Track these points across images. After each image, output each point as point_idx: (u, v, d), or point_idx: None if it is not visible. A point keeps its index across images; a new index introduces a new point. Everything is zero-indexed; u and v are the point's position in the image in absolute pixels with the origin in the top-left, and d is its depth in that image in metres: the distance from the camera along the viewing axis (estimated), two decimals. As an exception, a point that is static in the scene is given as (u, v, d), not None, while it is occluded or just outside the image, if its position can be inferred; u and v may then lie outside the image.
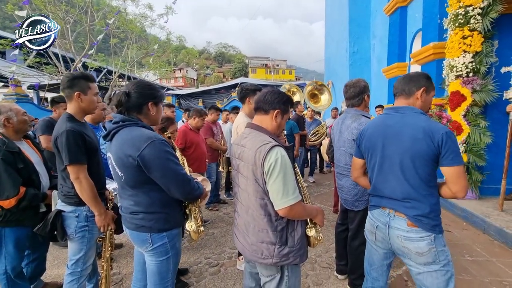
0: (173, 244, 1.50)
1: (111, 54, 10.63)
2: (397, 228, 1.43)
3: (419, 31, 6.14)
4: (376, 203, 1.56)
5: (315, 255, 2.87)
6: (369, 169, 1.61)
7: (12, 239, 2.00)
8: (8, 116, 1.98)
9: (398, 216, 1.43)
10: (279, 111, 1.42)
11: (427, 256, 1.36)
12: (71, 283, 1.81)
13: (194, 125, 3.68)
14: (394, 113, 1.49)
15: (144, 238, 1.44)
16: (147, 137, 1.33)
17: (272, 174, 1.24)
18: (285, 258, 1.35)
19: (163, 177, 1.36)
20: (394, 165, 1.42)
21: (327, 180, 6.14)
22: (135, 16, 10.38)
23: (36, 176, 2.04)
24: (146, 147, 1.30)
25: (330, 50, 13.24)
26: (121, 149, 1.34)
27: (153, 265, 1.48)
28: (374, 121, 1.61)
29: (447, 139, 1.29)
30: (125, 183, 1.40)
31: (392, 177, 1.44)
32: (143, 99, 1.44)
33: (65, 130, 1.67)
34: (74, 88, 1.76)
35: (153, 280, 1.50)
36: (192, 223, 1.55)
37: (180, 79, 46.20)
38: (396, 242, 1.45)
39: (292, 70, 61.32)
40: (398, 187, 1.41)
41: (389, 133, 1.45)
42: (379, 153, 1.49)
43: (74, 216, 1.77)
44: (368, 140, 1.56)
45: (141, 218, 1.42)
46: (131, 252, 3.05)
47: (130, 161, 1.32)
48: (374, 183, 1.54)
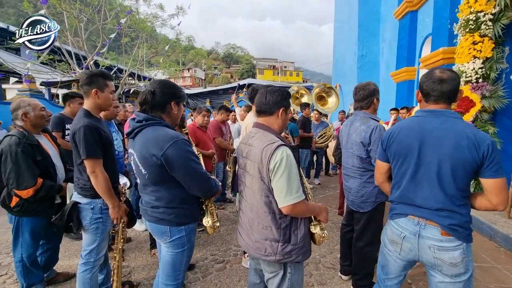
0: (189, 238, 1.56)
1: (121, 52, 10.83)
2: (428, 237, 1.33)
3: (429, 36, 6.13)
4: (402, 211, 1.45)
5: (319, 255, 2.90)
6: (396, 174, 1.49)
7: (29, 229, 2.09)
8: (26, 110, 2.06)
9: (430, 225, 1.34)
10: (283, 109, 1.46)
11: (460, 267, 1.29)
12: (85, 273, 1.88)
13: (201, 123, 3.75)
14: (433, 116, 1.36)
15: (163, 230, 1.51)
16: (170, 137, 1.39)
17: (277, 172, 1.28)
18: (288, 256, 1.38)
19: (185, 175, 1.42)
20: (431, 173, 1.32)
21: (333, 183, 6.15)
22: (146, 16, 10.57)
23: (53, 168, 2.12)
24: (169, 147, 1.36)
25: (339, 52, 13.22)
26: (145, 148, 1.40)
27: (168, 256, 1.54)
28: (405, 124, 1.47)
29: (492, 150, 1.21)
30: (148, 180, 1.46)
31: (427, 185, 1.34)
32: (166, 98, 1.49)
33: (83, 125, 1.73)
34: (92, 85, 1.82)
35: (166, 271, 1.56)
36: (209, 219, 1.61)
37: (188, 78, 46.60)
38: (427, 253, 1.35)
39: (300, 72, 61.24)
40: (433, 196, 1.33)
41: (427, 138, 1.33)
42: (414, 159, 1.37)
43: (90, 208, 1.84)
44: (400, 144, 1.44)
45: (162, 212, 1.49)
46: (139, 246, 3.12)
47: (153, 160, 1.38)
48: (403, 190, 1.43)
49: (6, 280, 2.52)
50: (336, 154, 3.30)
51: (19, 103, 2.05)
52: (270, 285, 1.49)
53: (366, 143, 2.07)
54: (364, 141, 2.08)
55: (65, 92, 3.89)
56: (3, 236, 3.50)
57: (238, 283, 2.45)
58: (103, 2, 8.61)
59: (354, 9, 10.61)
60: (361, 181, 2.16)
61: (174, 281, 1.57)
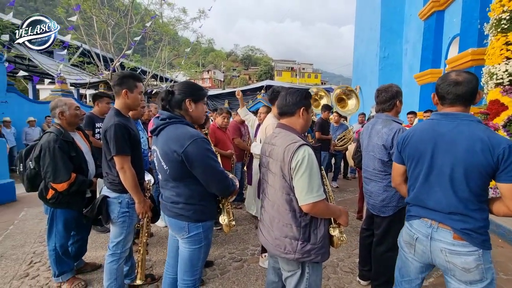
0: (206, 235, 1.61)
1: (145, 55, 11.24)
2: (440, 240, 1.33)
3: (456, 37, 5.88)
4: (416, 213, 1.46)
5: (337, 259, 2.87)
6: (411, 177, 1.50)
7: (62, 220, 2.24)
8: (63, 109, 2.22)
9: (442, 228, 1.33)
10: (304, 108, 1.49)
11: (474, 273, 1.26)
12: (112, 263, 1.98)
13: (220, 124, 3.83)
14: (447, 119, 1.35)
15: (182, 226, 1.56)
16: (190, 135, 1.46)
17: (298, 170, 1.31)
18: (306, 255, 1.39)
19: (203, 172, 1.47)
20: (443, 176, 1.32)
21: (351, 186, 6.03)
22: (170, 19, 10.93)
23: (85, 164, 2.27)
24: (189, 145, 1.42)
25: (359, 54, 12.95)
26: (167, 144, 1.47)
27: (186, 252, 1.59)
28: (419, 127, 1.48)
29: (509, 154, 1.17)
30: (169, 175, 1.53)
31: (439, 188, 1.34)
32: (181, 96, 1.56)
33: (113, 123, 1.83)
34: (123, 86, 1.93)
35: (184, 267, 1.61)
36: (225, 217, 1.66)
37: (207, 80, 47.50)
38: (439, 256, 1.34)
39: (318, 74, 60.52)
40: (445, 199, 1.32)
41: (440, 141, 1.33)
42: (426, 162, 1.38)
43: (117, 202, 1.95)
44: (413, 147, 1.45)
45: (181, 207, 1.54)
46: (160, 242, 3.24)
47: (175, 156, 1.44)
48: (416, 192, 1.44)
49: (40, 267, 2.71)
50: (356, 157, 3.26)
51: (57, 102, 2.21)
52: (288, 284, 1.50)
53: (388, 146, 2.04)
54: (386, 144, 2.04)
55: (94, 92, 4.09)
56: (37, 226, 3.76)
57: (256, 282, 2.48)
58: (130, 7, 9.01)
59: (377, 10, 10.37)
60: (382, 184, 2.12)
61: (192, 276, 1.62)
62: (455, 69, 1.46)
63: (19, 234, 3.49)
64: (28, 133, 8.43)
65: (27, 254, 2.98)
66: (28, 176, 2.20)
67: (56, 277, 2.30)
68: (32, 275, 2.58)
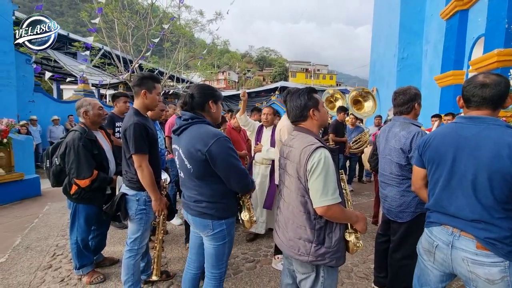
0: (229, 231, 1.65)
1: (163, 56, 11.53)
2: (462, 249, 1.26)
3: (481, 37, 5.63)
4: (436, 219, 1.41)
5: (351, 264, 2.82)
6: (430, 181, 1.46)
7: (84, 215, 2.34)
8: (87, 109, 2.32)
9: (465, 236, 1.27)
10: (313, 109, 1.47)
11: (499, 286, 1.19)
12: (129, 259, 2.05)
13: (235, 125, 3.86)
14: (472, 123, 1.30)
15: (206, 224, 1.61)
16: (213, 134, 1.51)
17: (314, 172, 1.31)
18: (321, 258, 1.38)
19: (226, 170, 1.52)
20: (465, 182, 1.26)
21: (366, 190, 5.91)
22: (187, 21, 11.16)
23: (106, 162, 2.36)
24: (213, 143, 1.47)
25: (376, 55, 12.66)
26: (191, 143, 1.52)
27: (211, 248, 1.65)
28: (442, 130, 1.44)
29: None
30: (192, 174, 1.57)
31: (461, 194, 1.28)
32: (204, 98, 1.62)
33: (133, 123, 1.90)
34: (142, 87, 1.99)
35: (210, 261, 1.67)
36: (246, 213, 1.70)
37: (222, 81, 48.02)
38: (460, 266, 1.28)
39: (333, 75, 59.71)
40: (467, 206, 1.26)
41: (463, 145, 1.28)
42: (447, 167, 1.33)
43: (135, 200, 2.01)
44: (434, 151, 1.41)
45: (204, 206, 1.59)
46: (175, 240, 3.31)
47: (199, 155, 1.49)
48: (436, 198, 1.39)
49: (62, 260, 2.84)
50: (372, 160, 3.19)
51: (82, 102, 2.32)
52: (303, 287, 1.50)
53: (406, 149, 1.99)
54: (404, 148, 1.99)
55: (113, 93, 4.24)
56: (59, 220, 3.94)
57: (268, 284, 2.48)
58: (149, 10, 9.27)
59: (395, 9, 10.09)
60: (400, 189, 2.07)
61: (218, 269, 1.68)
62: (483, 71, 1.40)
63: (43, 227, 3.67)
64: (53, 131, 8.86)
65: (50, 246, 3.13)
66: (54, 172, 2.32)
67: (77, 270, 2.41)
68: (54, 266, 2.70)
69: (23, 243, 3.19)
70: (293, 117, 1.53)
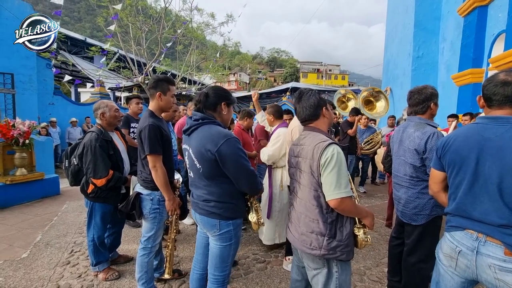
0: (236, 232, 1.66)
1: (175, 59, 11.74)
2: (489, 255, 1.21)
3: (501, 33, 5.42)
4: (458, 224, 1.35)
5: (364, 267, 2.77)
6: (451, 185, 1.40)
7: (100, 213, 2.42)
8: (104, 111, 2.40)
9: (491, 242, 1.22)
10: (325, 108, 1.55)
11: None
12: (143, 256, 2.10)
13: (245, 126, 3.88)
14: (495, 123, 1.25)
15: (213, 223, 1.62)
16: (224, 134, 1.53)
17: (327, 166, 1.35)
18: (332, 252, 1.40)
19: (235, 171, 1.54)
20: (491, 185, 1.21)
21: (379, 192, 5.79)
22: (199, 24, 11.32)
23: (121, 162, 2.43)
24: (223, 144, 1.49)
25: (390, 54, 12.39)
26: (201, 143, 1.55)
27: (217, 248, 1.65)
28: (462, 131, 1.39)
29: None
30: (202, 174, 1.59)
31: (487, 198, 1.23)
32: (217, 99, 1.65)
33: (148, 124, 1.94)
34: (157, 89, 2.04)
35: (214, 262, 1.68)
36: (254, 215, 1.71)
37: (233, 82, 48.36)
38: (486, 273, 1.23)
39: (346, 75, 58.90)
40: (494, 211, 1.21)
41: (487, 147, 1.23)
42: (470, 170, 1.28)
43: (149, 199, 2.06)
44: (455, 153, 1.35)
45: (213, 206, 1.61)
46: (187, 239, 3.36)
47: (209, 155, 1.51)
48: (459, 202, 1.34)
49: (79, 256, 2.94)
50: (386, 161, 3.13)
51: (100, 104, 2.41)
52: (315, 284, 1.49)
53: (420, 150, 1.94)
54: (419, 149, 1.95)
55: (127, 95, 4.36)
56: (77, 218, 4.08)
57: (279, 285, 2.48)
58: (163, 14, 9.47)
59: (410, 7, 9.86)
60: (414, 191, 2.02)
61: (222, 272, 1.68)
62: (504, 69, 1.34)
63: (62, 225, 3.82)
64: (71, 132, 9.19)
65: (68, 243, 3.25)
66: (72, 171, 2.41)
67: (94, 266, 2.49)
68: (72, 263, 2.80)
69: (43, 240, 3.33)
70: (306, 116, 1.56)
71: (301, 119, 1.59)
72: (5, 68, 6.25)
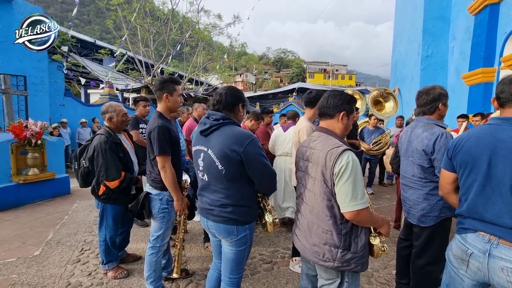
0: (251, 235, 1.66)
1: (182, 60, 11.84)
2: (501, 258, 1.19)
3: (514, 32, 5.30)
4: (470, 226, 1.33)
5: (372, 269, 2.75)
6: (462, 186, 1.38)
7: (111, 214, 2.46)
8: (111, 116, 2.43)
9: (504, 244, 1.20)
10: (344, 113, 1.44)
11: None
12: (152, 255, 2.13)
13: (250, 127, 3.86)
14: (508, 124, 1.23)
15: (230, 230, 1.58)
16: (248, 135, 1.52)
17: (342, 176, 1.27)
18: (346, 264, 1.34)
19: (260, 171, 1.53)
20: (504, 187, 1.19)
21: (388, 193, 5.72)
22: (206, 26, 11.40)
23: (130, 163, 2.47)
24: (248, 144, 1.48)
25: (398, 53, 12.22)
26: (225, 144, 1.49)
27: (233, 253, 1.62)
28: (475, 132, 1.37)
29: None
30: (223, 176, 1.52)
31: (500, 200, 1.21)
32: (236, 100, 1.62)
33: (157, 125, 1.97)
34: (163, 90, 2.06)
35: (230, 266, 1.65)
36: (270, 216, 1.67)
37: (239, 83, 48.49)
38: (498, 276, 1.21)
39: (353, 75, 58.33)
40: (507, 213, 1.19)
41: (500, 148, 1.21)
42: (482, 171, 1.26)
43: (158, 199, 2.09)
44: (467, 154, 1.33)
45: (230, 211, 1.56)
46: (194, 239, 3.39)
47: (234, 155, 1.47)
48: (470, 204, 1.32)
49: (89, 255, 3.00)
50: (394, 162, 3.10)
51: (108, 108, 2.44)
52: None
53: (429, 151, 1.92)
54: (427, 149, 1.92)
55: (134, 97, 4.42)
56: (87, 217, 4.17)
57: (286, 286, 2.48)
58: (170, 16, 9.58)
59: (419, 5, 9.71)
60: (422, 192, 2.00)
61: (237, 274, 1.68)
62: None
63: (72, 224, 3.90)
64: (81, 133, 9.38)
65: (79, 242, 3.32)
66: (82, 173, 2.45)
67: (103, 265, 2.54)
68: (82, 261, 2.86)
69: (54, 238, 3.41)
70: (322, 108, 1.48)
71: (318, 110, 1.52)
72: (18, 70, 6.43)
